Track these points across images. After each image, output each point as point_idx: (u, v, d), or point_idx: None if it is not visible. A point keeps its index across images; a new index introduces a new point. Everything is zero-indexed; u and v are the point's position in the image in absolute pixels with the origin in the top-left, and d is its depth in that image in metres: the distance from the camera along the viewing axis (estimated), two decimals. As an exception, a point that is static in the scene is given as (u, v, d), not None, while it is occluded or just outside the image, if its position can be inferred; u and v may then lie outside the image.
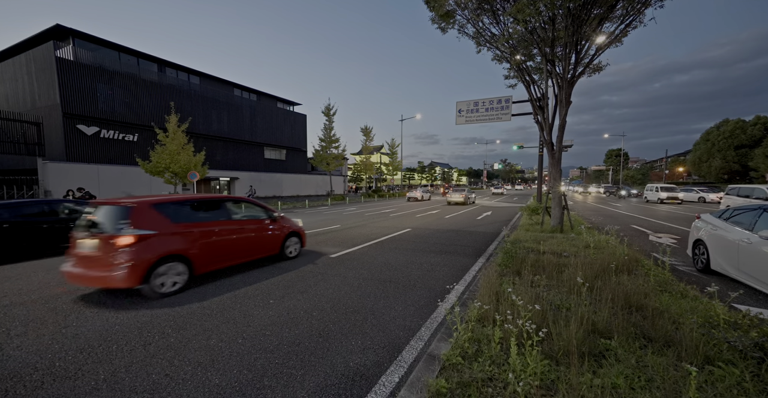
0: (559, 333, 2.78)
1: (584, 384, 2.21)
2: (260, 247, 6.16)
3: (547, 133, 9.92)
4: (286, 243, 6.71)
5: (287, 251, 6.74)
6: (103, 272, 4.31)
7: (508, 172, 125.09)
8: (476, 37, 9.97)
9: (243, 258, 5.82)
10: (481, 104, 16.15)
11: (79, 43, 21.71)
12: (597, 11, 8.22)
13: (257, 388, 2.54)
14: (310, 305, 4.25)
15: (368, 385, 2.58)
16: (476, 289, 4.61)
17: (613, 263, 4.66)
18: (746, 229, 4.78)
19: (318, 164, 31.98)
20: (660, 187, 25.46)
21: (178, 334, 3.43)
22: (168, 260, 4.64)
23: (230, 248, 5.56)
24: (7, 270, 6.08)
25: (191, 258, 4.89)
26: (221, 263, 5.43)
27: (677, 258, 6.75)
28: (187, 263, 4.85)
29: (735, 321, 2.97)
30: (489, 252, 7.53)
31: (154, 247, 4.54)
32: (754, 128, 40.55)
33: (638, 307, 3.48)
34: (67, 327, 3.61)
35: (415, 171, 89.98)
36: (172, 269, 4.68)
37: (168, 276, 4.63)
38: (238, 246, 5.70)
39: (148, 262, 4.41)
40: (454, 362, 2.61)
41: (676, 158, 66.24)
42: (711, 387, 2.19)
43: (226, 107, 29.88)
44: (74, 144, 20.51)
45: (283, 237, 6.62)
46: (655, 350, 2.65)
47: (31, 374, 2.74)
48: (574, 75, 9.06)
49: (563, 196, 9.64)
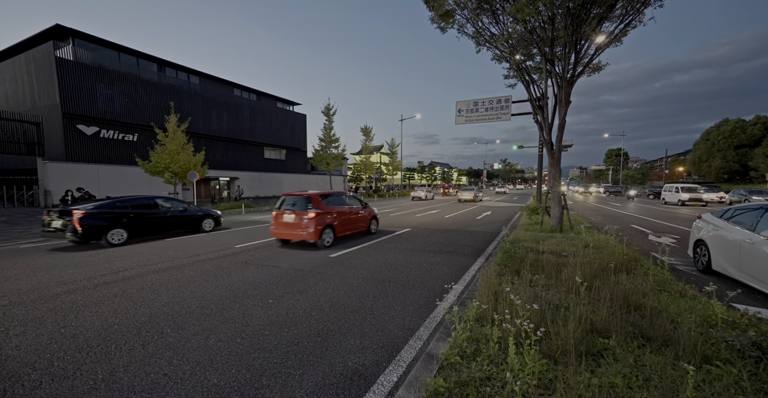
0: (558, 333, 2.78)
1: (582, 383, 2.21)
2: (360, 224, 9.49)
3: (547, 133, 9.92)
4: (371, 223, 10.06)
5: (371, 228, 10.12)
6: (298, 231, 7.83)
7: (508, 171, 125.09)
8: (476, 36, 9.96)
9: (353, 230, 9.16)
10: (480, 104, 16.14)
11: (78, 43, 21.71)
12: (596, 11, 8.21)
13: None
14: (309, 305, 4.25)
15: (367, 384, 2.58)
16: (475, 289, 4.61)
17: (612, 263, 4.66)
18: (748, 229, 4.76)
19: (318, 164, 31.96)
20: (681, 187, 22.59)
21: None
22: (327, 227, 8.00)
23: (348, 223, 8.91)
24: (7, 269, 6.09)
25: (335, 227, 8.27)
26: (345, 232, 8.81)
27: (678, 259, 6.75)
28: (333, 230, 8.22)
29: (733, 320, 2.97)
30: (488, 252, 7.53)
31: (322, 220, 7.87)
32: (754, 128, 40.53)
33: (637, 307, 3.47)
34: (65, 327, 3.61)
35: (415, 171, 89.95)
36: (327, 232, 8.03)
37: (327, 236, 8.05)
38: (351, 223, 9.04)
39: (321, 227, 7.76)
40: (453, 361, 2.61)
41: (676, 158, 66.22)
42: (708, 386, 2.19)
43: (226, 107, 29.89)
44: (74, 144, 20.52)
45: (370, 218, 9.97)
46: (653, 349, 2.65)
47: (29, 374, 2.74)
48: (573, 74, 9.06)
49: (563, 196, 9.64)
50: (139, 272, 5.87)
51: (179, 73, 27.49)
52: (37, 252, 7.70)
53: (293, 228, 7.90)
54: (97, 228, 8.22)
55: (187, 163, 16.19)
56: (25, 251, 7.91)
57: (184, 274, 5.70)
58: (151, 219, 9.42)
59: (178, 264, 6.46)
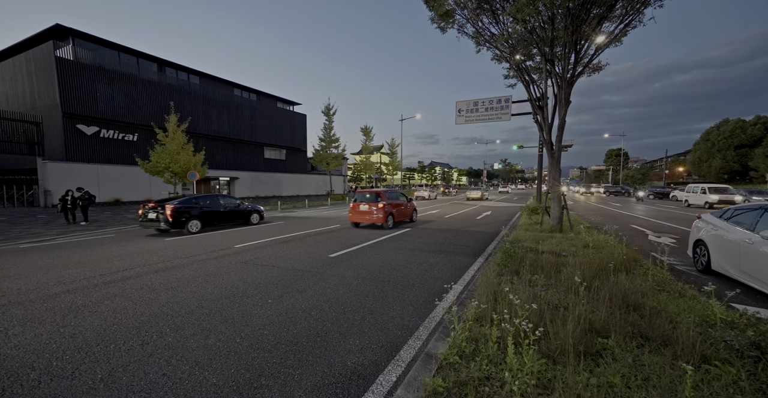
0: (557, 333, 2.78)
1: (581, 383, 2.21)
2: (407, 214, 12.81)
3: (547, 133, 9.92)
4: (413, 214, 13.38)
5: (414, 217, 13.37)
6: (371, 217, 11.16)
7: (508, 171, 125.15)
8: (476, 36, 9.96)
9: (402, 218, 12.51)
10: (480, 104, 16.14)
11: (78, 42, 21.71)
12: (596, 11, 8.21)
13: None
14: (308, 304, 4.25)
15: (365, 384, 2.58)
16: (475, 289, 4.61)
17: (612, 262, 4.66)
18: (747, 229, 4.75)
19: (318, 164, 31.99)
20: (708, 187, 20.41)
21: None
22: (389, 215, 11.31)
23: (401, 213, 12.25)
24: (6, 269, 6.10)
25: (394, 215, 11.65)
26: (399, 219, 12.22)
27: (677, 259, 6.75)
28: (393, 216, 11.59)
29: (732, 320, 2.97)
30: (488, 252, 7.53)
31: (387, 209, 11.18)
32: (754, 128, 40.54)
33: (636, 306, 3.47)
34: (64, 327, 3.61)
35: (415, 171, 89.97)
36: (389, 219, 11.33)
37: (389, 221, 11.35)
38: (402, 213, 12.38)
39: (386, 214, 11.08)
40: (452, 361, 2.61)
41: (676, 158, 66.23)
42: (707, 386, 2.19)
43: (226, 107, 29.89)
44: (74, 144, 20.51)
45: (412, 210, 13.27)
46: (652, 349, 2.65)
47: (28, 373, 2.74)
48: (573, 75, 9.05)
49: (563, 196, 9.64)
50: (140, 271, 5.87)
51: (179, 73, 27.48)
52: (36, 252, 7.70)
53: (367, 215, 11.26)
54: (181, 220, 10.45)
55: (187, 163, 16.19)
56: (24, 251, 7.92)
57: (183, 274, 5.71)
58: (216, 213, 11.65)
59: (178, 263, 6.46)
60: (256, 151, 33.22)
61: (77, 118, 20.60)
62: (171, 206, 10.29)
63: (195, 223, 10.78)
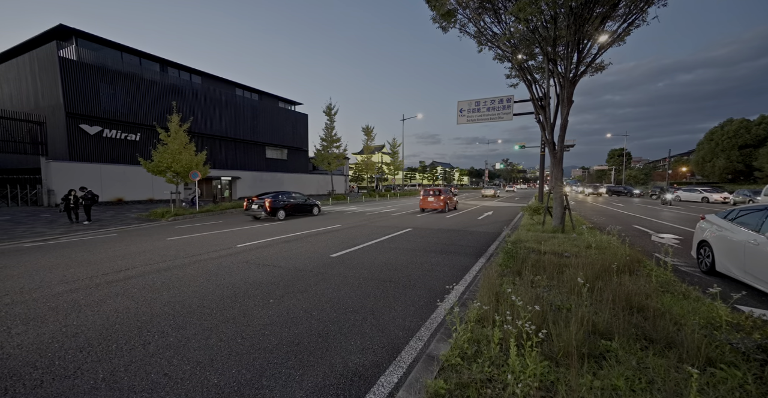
0: (559, 334, 2.75)
1: (584, 385, 2.19)
2: (454, 204, 19.43)
3: (549, 133, 9.88)
4: (457, 205, 20.33)
5: (457, 207, 20.10)
6: (436, 204, 17.82)
7: (509, 171, 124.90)
8: (477, 36, 9.92)
9: (452, 207, 19.08)
10: (482, 104, 16.09)
11: (81, 42, 21.80)
12: (599, 10, 8.15)
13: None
14: (309, 305, 4.25)
15: (367, 385, 2.57)
16: (476, 290, 4.59)
17: (615, 263, 4.62)
18: (753, 230, 4.71)
19: (319, 164, 32.01)
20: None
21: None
22: (447, 204, 18.09)
23: (451, 202, 18.99)
24: (9, 268, 6.13)
25: (448, 204, 18.30)
26: (450, 207, 18.73)
27: (681, 260, 6.70)
28: (447, 205, 18.22)
29: (738, 322, 2.93)
30: (490, 253, 7.50)
31: (445, 200, 17.97)
32: (759, 128, 40.24)
33: (639, 308, 3.44)
34: (67, 326, 3.62)
35: (417, 170, 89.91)
36: (447, 206, 18.11)
37: (448, 207, 18.45)
38: (452, 202, 19.08)
39: (445, 203, 17.88)
40: (453, 363, 2.59)
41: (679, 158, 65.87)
42: (713, 390, 2.16)
43: (228, 107, 29.94)
44: (77, 143, 20.61)
45: (456, 203, 20.01)
46: (656, 351, 2.63)
47: (30, 373, 2.74)
48: (576, 74, 9.01)
49: (565, 196, 9.60)
50: (142, 271, 5.88)
51: (181, 73, 27.56)
52: (39, 251, 7.74)
53: (433, 203, 17.71)
54: (275, 210, 14.11)
55: (189, 163, 16.23)
56: (28, 250, 7.96)
57: (185, 274, 5.71)
58: (293, 205, 15.23)
59: (180, 263, 6.47)
60: (257, 150, 33.28)
61: (80, 117, 20.70)
62: (269, 200, 13.82)
63: (281, 213, 14.29)
